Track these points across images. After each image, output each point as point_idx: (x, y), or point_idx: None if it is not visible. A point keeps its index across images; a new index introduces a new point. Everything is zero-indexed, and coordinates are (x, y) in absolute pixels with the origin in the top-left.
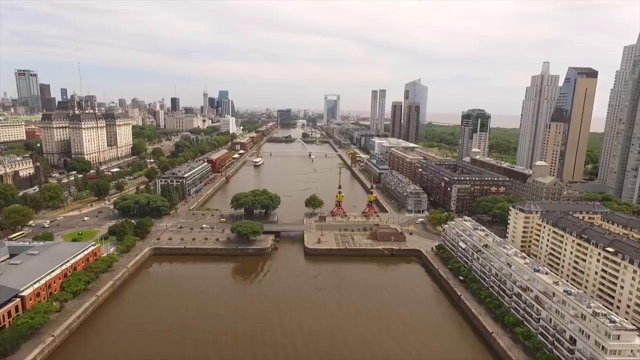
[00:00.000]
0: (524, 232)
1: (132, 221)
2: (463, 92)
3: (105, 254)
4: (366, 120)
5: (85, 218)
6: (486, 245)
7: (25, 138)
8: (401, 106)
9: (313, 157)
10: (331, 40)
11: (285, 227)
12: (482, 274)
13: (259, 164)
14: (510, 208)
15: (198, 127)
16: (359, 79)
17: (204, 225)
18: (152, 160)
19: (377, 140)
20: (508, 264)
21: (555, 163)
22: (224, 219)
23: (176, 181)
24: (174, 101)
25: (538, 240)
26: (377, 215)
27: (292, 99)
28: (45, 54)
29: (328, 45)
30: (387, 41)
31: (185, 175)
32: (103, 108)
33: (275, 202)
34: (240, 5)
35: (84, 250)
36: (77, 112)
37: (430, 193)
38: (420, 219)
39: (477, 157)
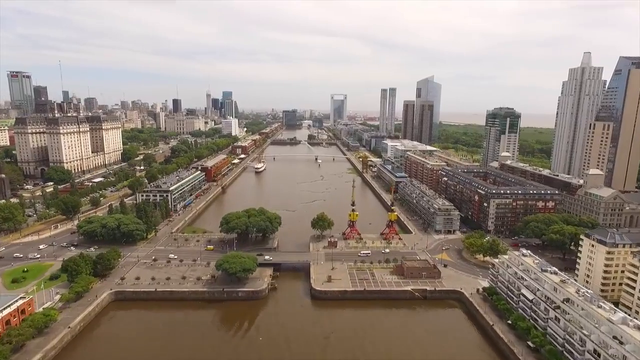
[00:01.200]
0: (605, 272)
1: (92, 254)
2: (468, 91)
3: (41, 309)
4: (374, 120)
5: (42, 246)
6: (568, 300)
7: (9, 144)
8: (413, 105)
9: (320, 161)
10: (337, 40)
11: (286, 256)
12: (567, 345)
13: (260, 170)
14: (582, 238)
15: (199, 129)
16: (365, 78)
17: (178, 260)
18: (141, 167)
19: (389, 142)
20: (615, 337)
21: (602, 169)
22: (212, 247)
23: (160, 195)
24: (176, 102)
25: (633, 287)
26: (400, 238)
27: (297, 99)
28: (51, 57)
29: (334, 45)
30: (393, 40)
31: (171, 189)
32: (100, 110)
33: (274, 223)
34: (245, 5)
35: (3, 309)
36: (57, 114)
37: (459, 207)
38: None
39: (508, 162)
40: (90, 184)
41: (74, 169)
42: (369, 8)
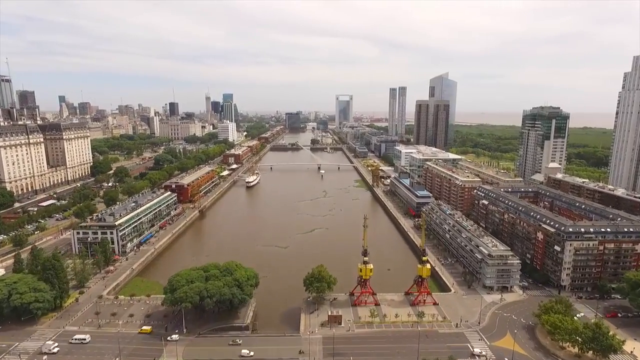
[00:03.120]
0: None
1: None
2: (475, 89)
3: None
4: (381, 122)
5: None
6: None
7: None
8: (427, 105)
9: (323, 172)
10: (343, 40)
11: (260, 346)
12: None
13: (252, 184)
14: None
15: (194, 134)
16: (371, 79)
17: None
18: (109, 184)
19: (403, 149)
20: None
21: None
22: (149, 328)
23: (102, 233)
24: (173, 106)
25: None
26: (435, 303)
27: (303, 101)
28: (62, 63)
29: (340, 45)
30: (400, 40)
31: (118, 223)
32: (88, 116)
33: (246, 288)
34: (252, 8)
35: None
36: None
37: (510, 246)
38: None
39: (558, 175)
40: (36, 209)
41: (22, 189)
42: (376, 8)
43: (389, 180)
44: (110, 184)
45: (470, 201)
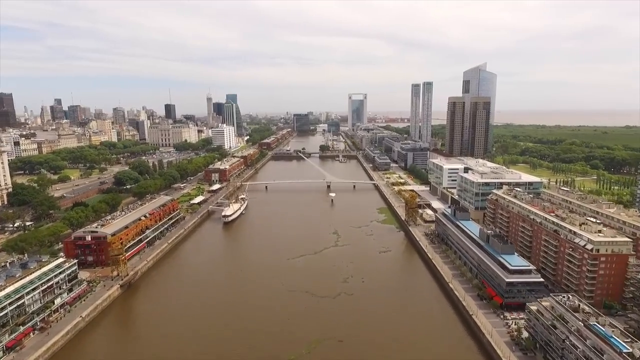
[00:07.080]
0: None
1: None
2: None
3: None
4: (396, 122)
5: None
6: None
7: None
8: (462, 104)
9: (333, 194)
10: (359, 40)
11: None
12: None
13: (232, 218)
14: None
15: (185, 140)
16: (387, 79)
17: None
18: (15, 225)
19: (445, 164)
20: None
21: None
22: None
23: None
24: (168, 108)
25: None
26: None
27: (316, 101)
28: (81, 67)
29: (356, 45)
30: (417, 39)
31: None
32: (65, 120)
33: None
34: (269, 9)
35: None
36: None
37: None
38: None
39: None
40: None
41: None
42: (392, 7)
43: (429, 213)
44: (16, 225)
45: (613, 282)
